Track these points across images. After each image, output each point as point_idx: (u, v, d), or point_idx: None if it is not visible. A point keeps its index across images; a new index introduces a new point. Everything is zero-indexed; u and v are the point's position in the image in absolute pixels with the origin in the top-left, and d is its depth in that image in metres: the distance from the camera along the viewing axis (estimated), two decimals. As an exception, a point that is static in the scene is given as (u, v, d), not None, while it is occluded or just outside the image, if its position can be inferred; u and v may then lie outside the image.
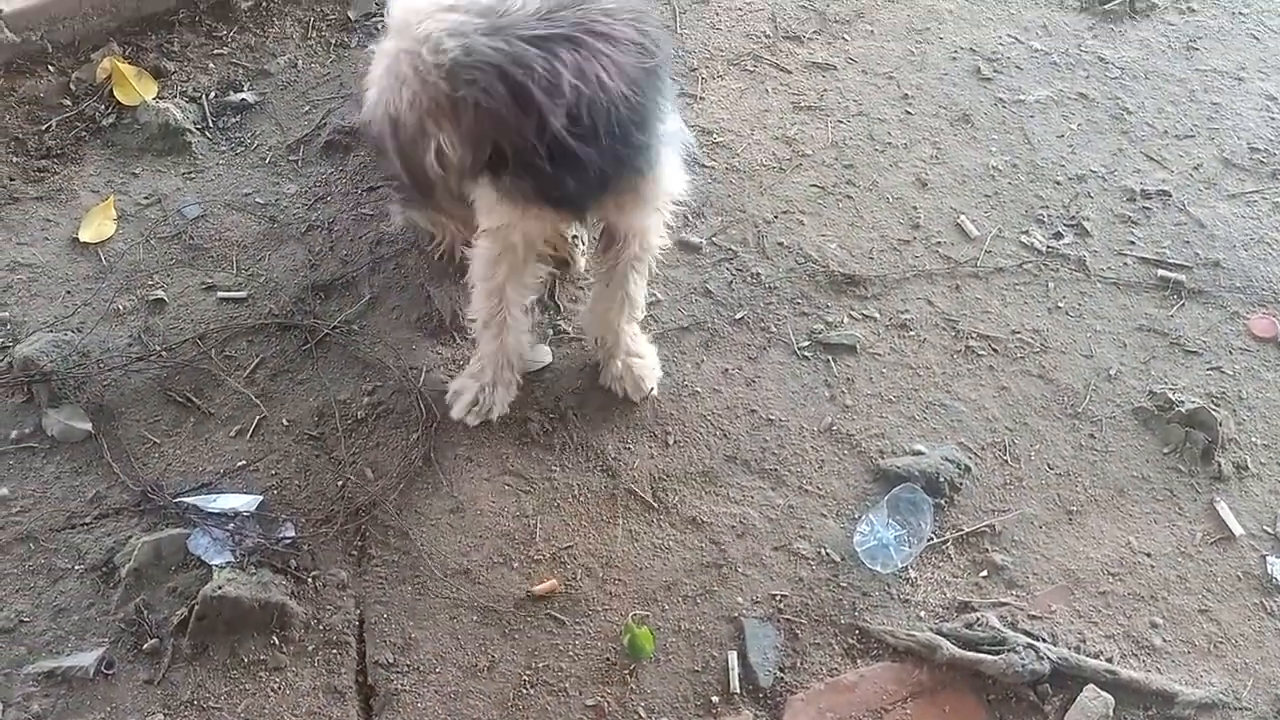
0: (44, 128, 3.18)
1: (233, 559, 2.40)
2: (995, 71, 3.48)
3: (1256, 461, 2.67)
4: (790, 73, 3.44)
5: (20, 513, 2.49)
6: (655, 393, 2.72)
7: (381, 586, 2.42)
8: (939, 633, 2.36)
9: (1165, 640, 2.41)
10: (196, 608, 2.29)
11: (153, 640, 2.29)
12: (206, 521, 2.45)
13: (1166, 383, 2.80)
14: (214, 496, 2.51)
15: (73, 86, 3.26)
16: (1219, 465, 2.65)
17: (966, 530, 2.54)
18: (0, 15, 3.18)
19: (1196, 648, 2.40)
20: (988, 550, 2.52)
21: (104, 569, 2.40)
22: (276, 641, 2.32)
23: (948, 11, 3.64)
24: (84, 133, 3.19)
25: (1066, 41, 3.58)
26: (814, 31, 3.56)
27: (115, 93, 3.24)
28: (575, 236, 2.87)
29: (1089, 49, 3.56)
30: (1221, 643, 2.41)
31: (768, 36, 3.54)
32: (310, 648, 2.33)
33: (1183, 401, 2.72)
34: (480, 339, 2.61)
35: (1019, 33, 3.59)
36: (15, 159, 3.12)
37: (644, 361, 2.70)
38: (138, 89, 3.25)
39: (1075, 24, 3.63)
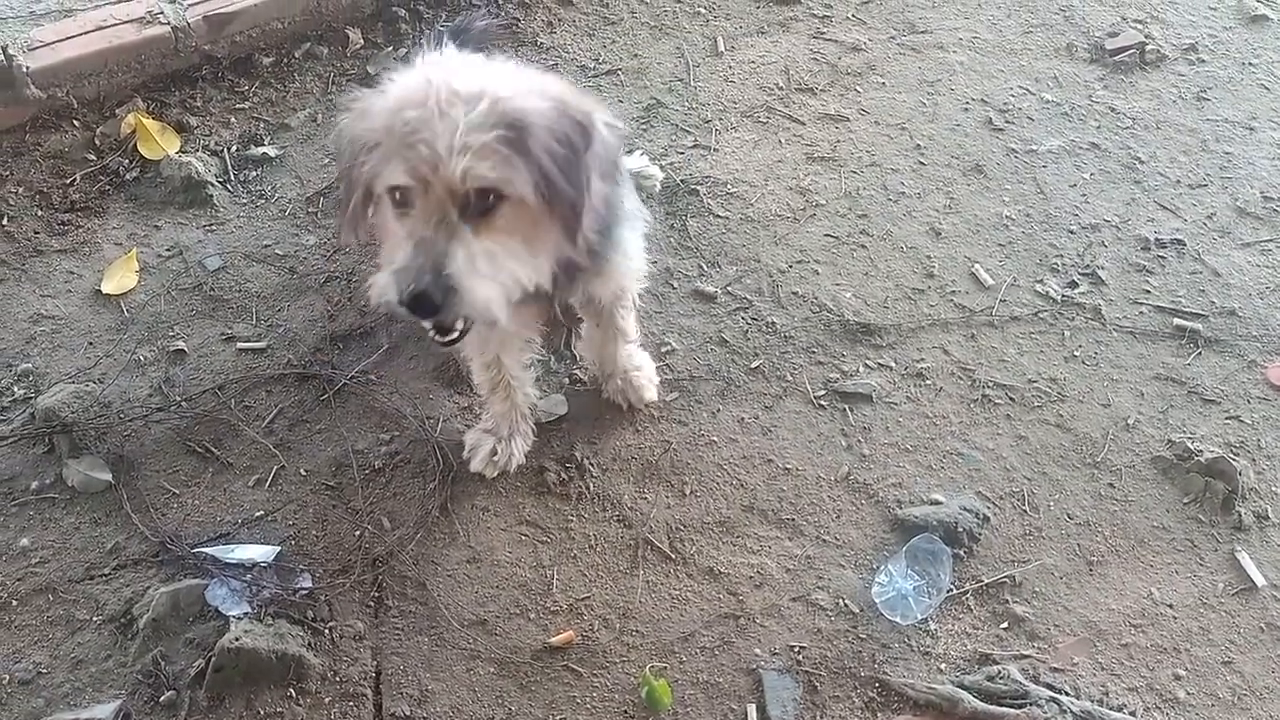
0: (69, 182, 3.23)
1: (250, 610, 2.40)
2: (1007, 122, 3.51)
3: (1278, 511, 2.65)
4: (803, 124, 3.48)
5: (40, 564, 2.50)
6: (656, 399, 2.77)
7: (398, 638, 2.42)
8: (960, 685, 2.34)
9: (1189, 693, 2.38)
10: (214, 659, 2.29)
11: (170, 692, 2.29)
12: (224, 572, 2.46)
13: (1185, 432, 2.79)
14: (232, 547, 2.51)
15: (97, 141, 3.32)
16: (1239, 515, 2.63)
17: (986, 581, 2.53)
18: (26, 72, 3.25)
19: (1220, 700, 2.37)
20: (1008, 601, 2.50)
21: (122, 620, 2.41)
22: (293, 694, 2.31)
23: (959, 64, 3.68)
24: (108, 186, 3.25)
25: (1077, 92, 3.61)
26: (826, 83, 3.60)
27: (139, 147, 3.30)
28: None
29: (1100, 100, 3.59)
30: (1245, 695, 2.38)
31: (780, 88, 3.58)
32: (327, 700, 2.32)
33: (1202, 451, 2.71)
34: (489, 402, 2.64)
35: (1030, 84, 3.63)
36: (40, 212, 3.17)
37: (642, 372, 2.76)
38: (161, 143, 3.30)
39: (1086, 75, 3.67)
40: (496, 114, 1.87)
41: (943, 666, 2.40)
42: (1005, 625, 2.46)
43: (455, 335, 2.04)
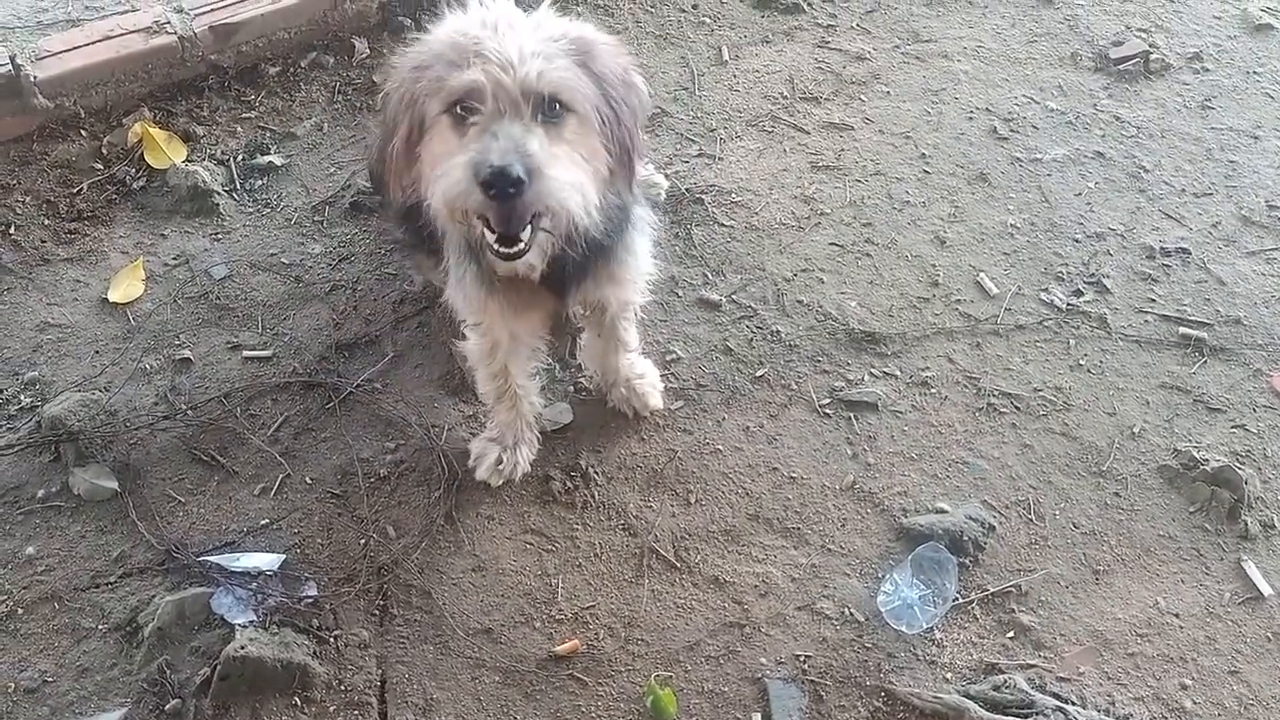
0: (75, 191, 3.24)
1: (255, 618, 2.40)
2: (1012, 131, 3.51)
3: (1284, 520, 2.65)
4: (808, 133, 3.49)
5: (46, 572, 2.50)
6: (661, 406, 2.78)
7: (403, 646, 2.42)
8: (966, 695, 2.33)
9: (1195, 703, 2.37)
10: (219, 668, 2.29)
11: (175, 701, 2.29)
12: (230, 580, 2.46)
13: (1191, 440, 2.78)
14: (237, 555, 2.51)
15: (104, 150, 3.33)
16: (1246, 524, 2.63)
17: (992, 590, 2.52)
18: (34, 82, 3.26)
19: (1227, 710, 2.36)
20: (1014, 610, 2.49)
21: (128, 628, 2.41)
22: (298, 702, 2.31)
23: (963, 73, 3.68)
24: (114, 195, 3.26)
25: (1082, 101, 3.61)
26: (831, 93, 3.61)
27: (146, 156, 3.31)
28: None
29: (1104, 108, 3.59)
30: (1252, 705, 2.37)
31: (785, 98, 3.59)
32: (332, 709, 2.32)
33: (1207, 459, 2.70)
34: (495, 411, 2.64)
35: (1034, 93, 3.63)
36: (47, 221, 3.18)
37: (646, 380, 2.76)
38: (168, 152, 3.31)
39: (1090, 84, 3.67)
40: (562, 34, 1.92)
41: (949, 676, 2.39)
42: (1011, 634, 2.46)
43: (521, 246, 1.94)
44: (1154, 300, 3.08)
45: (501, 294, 2.26)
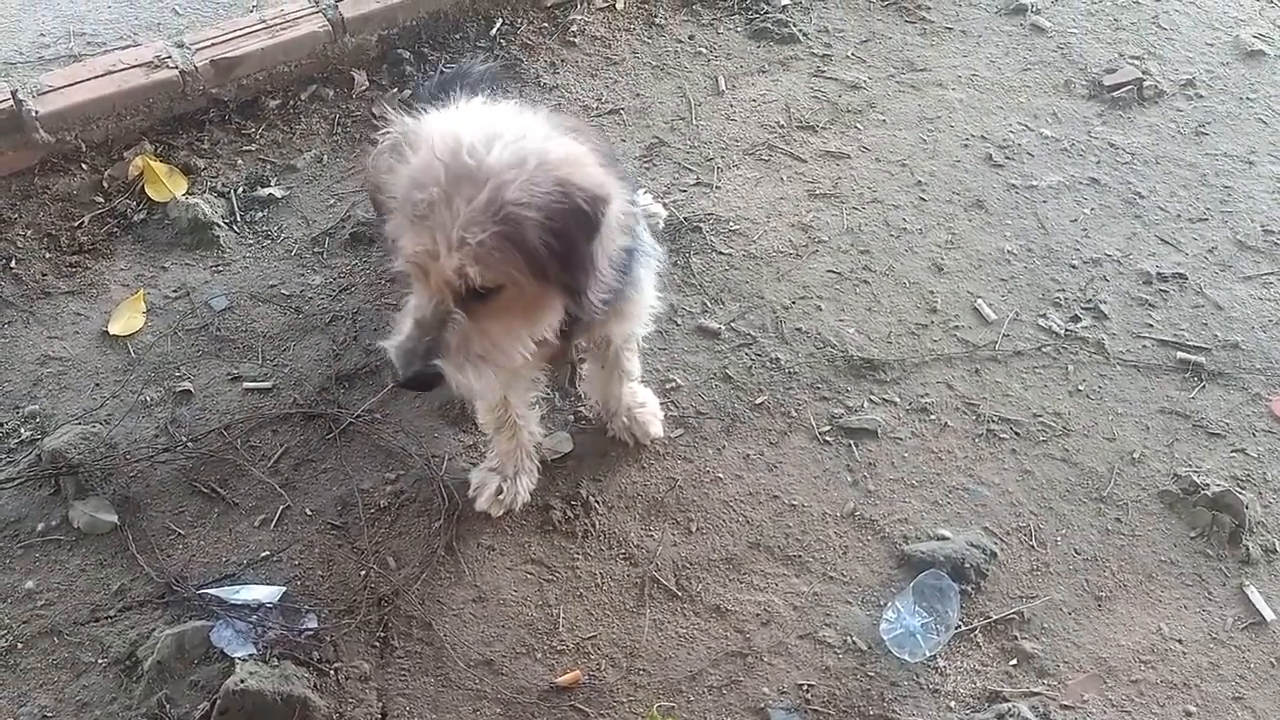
0: (76, 224, 3.26)
1: (255, 651, 2.39)
2: (1007, 158, 3.53)
3: (1286, 544, 2.65)
4: (805, 161, 3.51)
5: (45, 606, 2.49)
6: (661, 434, 2.78)
7: (404, 678, 2.41)
8: (969, 723, 2.32)
9: (1201, 730, 2.36)
10: (219, 702, 2.28)
11: (175, 735, 2.28)
12: (230, 613, 2.45)
13: (1191, 465, 2.78)
14: (237, 588, 2.51)
15: (105, 184, 3.35)
16: (1247, 549, 2.63)
17: (995, 617, 2.52)
18: (36, 116, 3.28)
19: (1234, 737, 2.36)
20: (1017, 638, 2.48)
21: (127, 663, 2.40)
22: (299, 736, 2.30)
23: (958, 101, 3.71)
24: (115, 228, 3.27)
25: (1076, 128, 3.64)
26: (827, 121, 3.63)
27: (147, 189, 3.33)
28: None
29: (1099, 135, 3.62)
30: (1259, 732, 2.36)
31: (782, 126, 3.61)
32: (332, 742, 2.31)
33: (1208, 484, 2.70)
34: (495, 441, 2.64)
35: (1029, 120, 3.66)
36: (48, 254, 3.19)
37: (647, 409, 2.77)
38: (168, 185, 3.33)
39: (1084, 111, 3.70)
40: (495, 207, 1.88)
41: (952, 704, 2.38)
42: (1014, 662, 2.45)
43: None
44: (1151, 325, 3.09)
45: None
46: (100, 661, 2.41)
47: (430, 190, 1.89)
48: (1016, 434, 2.84)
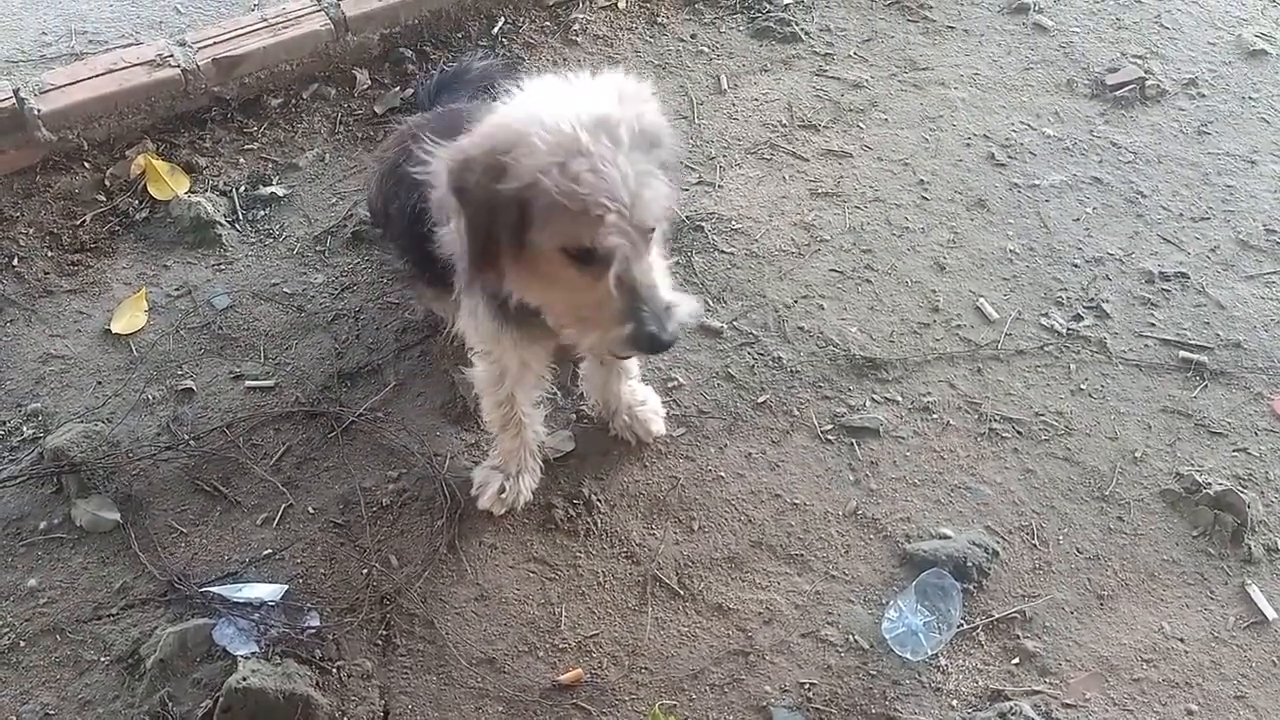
0: (78, 223, 3.26)
1: (258, 649, 2.39)
2: (1009, 157, 3.53)
3: (1288, 543, 2.65)
4: (807, 160, 3.51)
5: (48, 604, 2.50)
6: (663, 432, 2.77)
7: (406, 676, 2.41)
8: (972, 722, 2.32)
9: (1203, 728, 2.37)
10: (221, 700, 2.28)
11: (177, 733, 2.28)
12: (232, 611, 2.45)
13: (1193, 464, 2.78)
14: (240, 586, 2.51)
15: (107, 182, 3.35)
16: (1249, 548, 2.63)
17: (997, 616, 2.52)
18: (37, 115, 3.28)
19: (1236, 736, 2.36)
20: (1019, 636, 2.48)
21: (130, 660, 2.40)
22: (301, 734, 2.30)
23: (960, 100, 3.71)
24: (117, 227, 3.27)
25: (1078, 127, 3.64)
26: (829, 120, 3.63)
27: (148, 188, 3.33)
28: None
29: (1101, 134, 3.61)
30: (1261, 731, 2.37)
31: (784, 125, 3.61)
32: (335, 740, 2.31)
33: (1210, 483, 2.70)
34: (499, 439, 2.64)
35: (1031, 119, 3.66)
36: (50, 253, 3.19)
37: (647, 407, 2.77)
38: (170, 184, 3.33)
39: (1086, 110, 3.70)
40: (639, 133, 1.92)
41: (954, 703, 2.38)
42: (1016, 661, 2.45)
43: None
44: (1154, 324, 3.09)
45: (515, 326, 2.27)
46: (103, 659, 2.41)
47: (589, 156, 1.86)
48: (1019, 433, 2.84)
